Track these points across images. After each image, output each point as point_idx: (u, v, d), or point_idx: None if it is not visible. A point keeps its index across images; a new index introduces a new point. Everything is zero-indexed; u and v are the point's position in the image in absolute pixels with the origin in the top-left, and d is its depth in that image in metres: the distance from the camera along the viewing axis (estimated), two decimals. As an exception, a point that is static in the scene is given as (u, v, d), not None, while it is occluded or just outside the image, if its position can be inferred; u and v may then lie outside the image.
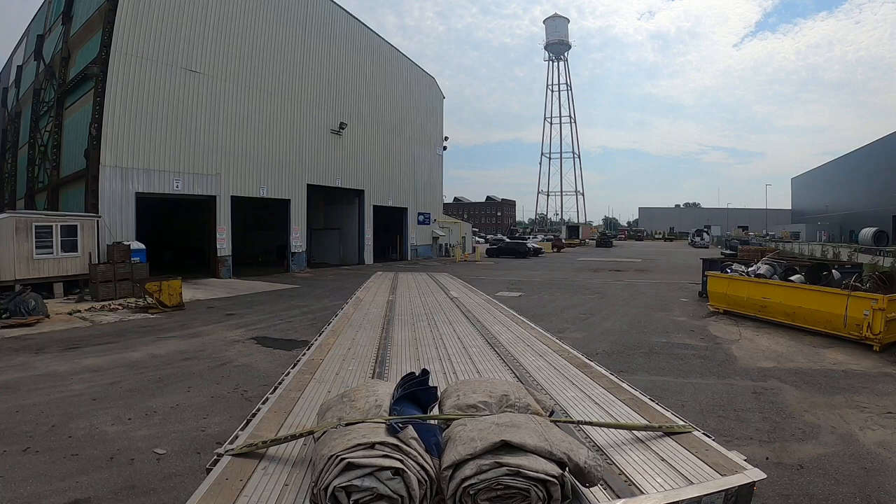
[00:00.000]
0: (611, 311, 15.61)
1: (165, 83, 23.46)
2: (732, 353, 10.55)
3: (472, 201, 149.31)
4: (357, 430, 2.38)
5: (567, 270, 32.11)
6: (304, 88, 30.79)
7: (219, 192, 25.68)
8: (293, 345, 10.77)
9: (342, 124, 32.98)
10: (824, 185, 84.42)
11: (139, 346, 11.16)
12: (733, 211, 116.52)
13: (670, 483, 2.55)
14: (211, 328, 12.88)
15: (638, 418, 3.44)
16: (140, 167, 22.53)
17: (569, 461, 2.30)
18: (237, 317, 14.53)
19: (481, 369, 4.79)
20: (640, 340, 11.51)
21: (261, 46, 27.92)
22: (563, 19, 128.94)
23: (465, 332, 6.56)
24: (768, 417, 7.10)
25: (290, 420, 3.34)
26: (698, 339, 11.81)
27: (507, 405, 2.77)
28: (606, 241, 74.12)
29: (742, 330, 12.80)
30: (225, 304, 17.16)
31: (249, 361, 9.49)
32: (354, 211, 36.19)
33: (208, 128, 25.28)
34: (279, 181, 28.99)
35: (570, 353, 5.31)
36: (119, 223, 21.66)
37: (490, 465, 2.21)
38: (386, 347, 5.67)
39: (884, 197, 60.92)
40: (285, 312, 15.10)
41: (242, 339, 11.54)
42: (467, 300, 9.47)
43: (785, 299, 13.08)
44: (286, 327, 12.84)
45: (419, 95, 43.30)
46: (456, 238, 48.04)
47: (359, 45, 35.61)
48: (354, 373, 4.61)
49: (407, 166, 41.23)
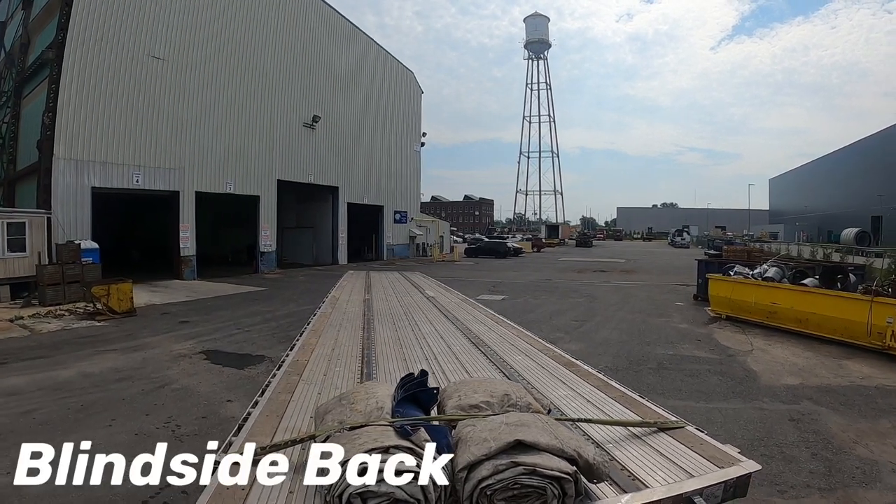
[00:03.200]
0: (605, 317, 14.36)
1: (126, 70, 21.64)
2: (750, 367, 9.35)
3: (450, 200, 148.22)
4: (366, 434, 2.34)
5: (550, 271, 30.92)
6: (276, 79, 28.99)
7: (182, 187, 23.90)
8: (246, 361, 9.31)
9: (315, 117, 31.27)
10: (802, 186, 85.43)
11: (73, 361, 9.59)
12: (710, 211, 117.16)
13: (672, 476, 2.62)
14: (159, 339, 11.32)
15: (631, 415, 3.49)
16: (97, 160, 20.71)
17: (579, 458, 2.33)
18: (191, 325, 12.96)
19: (469, 369, 4.78)
20: (644, 353, 10.24)
21: (229, 33, 26.12)
22: (544, 18, 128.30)
23: (447, 330, 6.54)
24: (818, 454, 5.90)
25: (284, 424, 3.27)
26: (708, 350, 10.60)
27: (509, 404, 2.79)
28: (586, 240, 73.24)
29: (752, 339, 11.63)
30: (181, 309, 15.55)
31: (191, 384, 7.98)
32: (328, 209, 34.43)
33: (172, 119, 23.47)
34: (247, 176, 27.20)
35: (555, 352, 5.34)
36: (73, 220, 19.85)
37: (506, 465, 2.21)
38: (370, 347, 5.61)
39: (863, 198, 61.58)
40: (245, 320, 13.56)
41: (191, 353, 10.00)
42: (444, 299, 9.56)
43: (797, 305, 11.98)
44: (243, 338, 11.31)
45: (397, 89, 41.64)
46: (433, 237, 46.59)
47: (334, 34, 33.93)
48: (342, 374, 4.56)
49: (383, 163, 39.54)
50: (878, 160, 58.19)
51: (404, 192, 42.75)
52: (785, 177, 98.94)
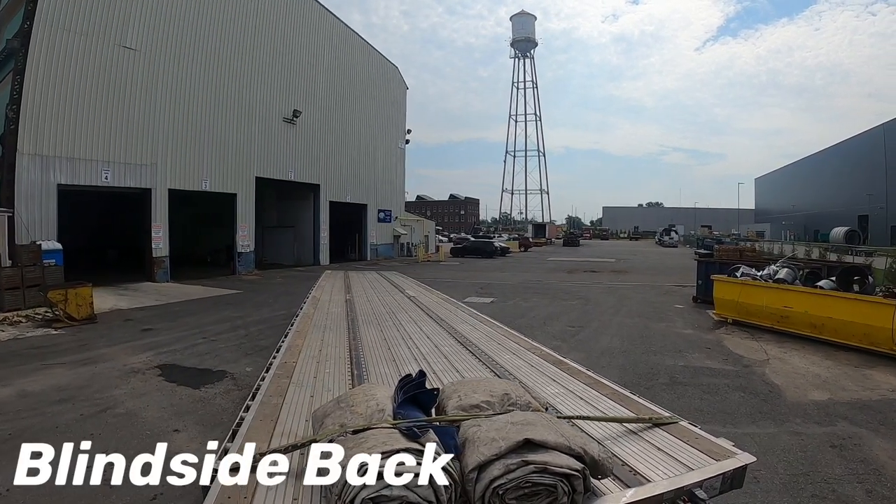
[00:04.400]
0: (602, 322, 13.42)
1: (96, 61, 20.36)
2: (771, 380, 8.45)
3: (436, 200, 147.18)
4: (373, 438, 2.29)
5: (539, 271, 30.00)
6: (254, 71, 27.69)
7: (154, 184, 22.58)
8: (204, 378, 8.20)
9: (296, 112, 30.01)
10: (788, 185, 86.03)
11: (15, 377, 8.45)
12: (696, 210, 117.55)
13: (672, 470, 2.63)
14: (114, 350, 10.16)
15: (624, 411, 3.50)
16: (63, 155, 19.41)
17: (585, 454, 2.33)
18: (154, 333, 11.80)
19: (460, 368, 4.74)
20: (652, 364, 9.29)
21: (205, 24, 24.83)
22: (530, 16, 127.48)
23: (433, 331, 6.49)
24: (874, 491, 5.02)
25: (279, 428, 3.17)
26: (720, 359, 9.68)
27: (510, 403, 2.79)
28: (573, 240, 72.51)
29: (764, 346, 10.76)
30: (147, 315, 14.36)
31: (137, 407, 6.85)
32: (309, 207, 33.11)
33: (144, 112, 22.16)
34: (224, 173, 25.89)
35: (542, 351, 5.35)
36: (38, 220, 18.52)
37: (517, 464, 2.20)
38: (357, 348, 5.51)
39: (849, 197, 62.12)
40: (213, 327, 12.40)
41: (145, 367, 8.86)
42: (426, 299, 9.54)
43: (811, 309, 11.14)
44: (206, 349, 10.16)
45: (381, 84, 40.33)
46: (419, 237, 45.48)
47: (316, 27, 32.65)
48: (333, 375, 4.48)
49: (367, 160, 38.25)
50: (865, 159, 58.58)
51: (389, 191, 41.53)
52: (770, 176, 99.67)
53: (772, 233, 79.91)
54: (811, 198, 74.35)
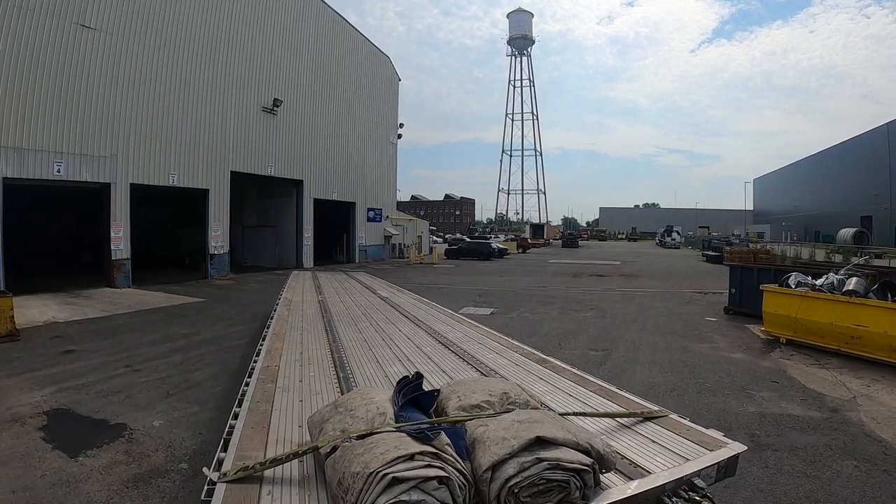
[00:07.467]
0: (631, 342, 11.05)
1: (50, 40, 18.09)
2: (874, 432, 6.19)
3: (431, 199, 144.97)
4: (383, 443, 2.19)
5: (542, 276, 27.69)
6: (230, 55, 25.17)
7: (114, 178, 20.19)
8: (93, 436, 5.76)
9: (277, 101, 27.48)
10: (788, 186, 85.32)
11: None
12: (693, 211, 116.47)
13: (670, 461, 2.64)
14: (11, 383, 7.76)
15: (614, 406, 3.47)
16: (9, 145, 17.10)
17: (591, 449, 2.30)
18: (73, 357, 9.36)
19: (446, 369, 4.61)
20: (717, 411, 6.87)
21: (175, 2, 22.50)
22: (527, 14, 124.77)
23: (412, 331, 6.40)
24: None
25: (273, 436, 3.01)
26: (798, 400, 7.35)
27: (509, 402, 2.76)
28: (572, 241, 70.05)
29: (839, 377, 8.51)
30: (81, 330, 11.93)
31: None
32: (292, 205, 30.56)
33: (104, 98, 19.80)
34: (194, 167, 23.42)
35: (524, 349, 5.36)
36: (-22, 219, 16.28)
37: (531, 462, 2.16)
38: (339, 350, 5.33)
39: (852, 198, 61.32)
40: (147, 350, 9.92)
41: (32, 413, 6.45)
42: (398, 299, 9.52)
43: (893, 329, 8.92)
44: (120, 385, 7.66)
45: (371, 75, 37.67)
46: (411, 237, 43.06)
47: (301, 10, 30.13)
48: (318, 378, 4.30)
49: (356, 155, 35.65)
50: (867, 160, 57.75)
51: (379, 188, 38.91)
52: (769, 177, 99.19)
53: (772, 234, 78.56)
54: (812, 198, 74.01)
